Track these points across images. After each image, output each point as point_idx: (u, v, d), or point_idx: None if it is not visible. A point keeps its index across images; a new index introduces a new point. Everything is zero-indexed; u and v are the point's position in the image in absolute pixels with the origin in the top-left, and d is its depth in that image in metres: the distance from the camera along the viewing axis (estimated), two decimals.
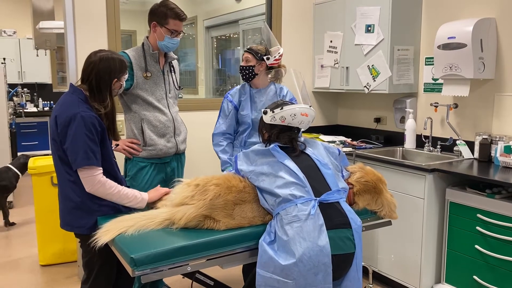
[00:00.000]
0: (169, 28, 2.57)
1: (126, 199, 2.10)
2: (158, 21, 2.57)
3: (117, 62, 2.09)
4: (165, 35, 2.58)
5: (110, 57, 2.08)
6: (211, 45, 6.31)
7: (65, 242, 3.63)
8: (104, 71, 2.05)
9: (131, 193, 2.11)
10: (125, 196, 2.09)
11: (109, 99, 2.08)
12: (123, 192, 2.08)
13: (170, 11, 2.56)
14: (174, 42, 2.62)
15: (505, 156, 2.76)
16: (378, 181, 2.20)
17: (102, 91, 2.06)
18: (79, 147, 1.96)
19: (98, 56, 2.07)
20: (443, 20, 3.22)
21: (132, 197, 2.11)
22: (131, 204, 2.12)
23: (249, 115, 2.84)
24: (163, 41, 2.59)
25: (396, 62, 3.40)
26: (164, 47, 2.62)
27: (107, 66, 2.05)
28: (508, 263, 2.46)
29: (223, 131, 2.87)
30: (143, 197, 2.15)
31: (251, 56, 2.78)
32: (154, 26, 2.59)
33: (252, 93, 2.86)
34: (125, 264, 1.77)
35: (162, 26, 2.57)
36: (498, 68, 2.97)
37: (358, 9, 3.54)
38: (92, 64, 2.05)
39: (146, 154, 2.67)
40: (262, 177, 1.96)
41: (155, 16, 2.59)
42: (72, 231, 2.16)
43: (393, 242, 3.08)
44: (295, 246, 1.76)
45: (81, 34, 3.12)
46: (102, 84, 2.05)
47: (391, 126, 3.80)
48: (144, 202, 2.14)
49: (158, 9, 2.58)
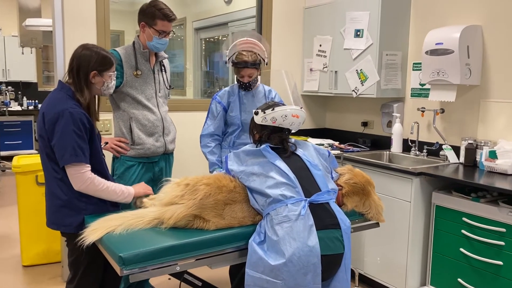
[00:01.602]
0: (157, 29, 2.56)
1: (115, 195, 2.09)
2: (146, 22, 2.56)
3: (100, 55, 2.07)
4: (154, 36, 2.57)
5: (95, 50, 2.07)
6: (199, 47, 6.29)
7: (49, 242, 3.58)
8: (83, 58, 2.04)
9: (118, 188, 2.11)
10: (113, 192, 2.09)
11: (86, 91, 2.05)
12: (111, 188, 2.08)
13: (158, 11, 2.55)
14: (163, 42, 2.61)
15: (490, 161, 2.81)
16: (367, 183, 2.22)
17: (80, 79, 2.03)
18: (67, 144, 1.94)
19: (83, 45, 2.08)
20: (431, 26, 3.27)
21: (119, 192, 2.11)
22: (119, 200, 2.12)
23: (238, 116, 2.84)
24: (152, 42, 2.58)
25: (384, 67, 3.44)
26: (152, 47, 2.61)
27: (89, 54, 2.05)
28: (492, 266, 2.50)
29: (211, 132, 2.87)
30: (130, 191, 2.16)
31: (255, 70, 2.77)
32: (143, 26, 2.58)
33: (241, 95, 2.86)
34: (113, 263, 1.75)
35: (150, 27, 2.56)
36: (484, 75, 3.02)
37: (347, 14, 3.57)
38: (75, 52, 2.07)
39: (134, 153, 2.65)
40: (253, 177, 1.96)
41: (144, 16, 2.57)
42: (59, 229, 2.13)
43: (379, 244, 3.11)
44: (285, 246, 1.76)
45: (69, 33, 3.09)
46: (81, 71, 2.03)
47: (378, 130, 3.84)
48: (130, 196, 2.16)
49: (147, 9, 2.56)
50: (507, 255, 2.42)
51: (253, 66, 2.73)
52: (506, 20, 2.88)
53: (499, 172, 2.76)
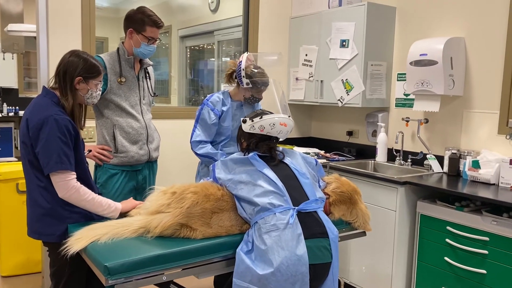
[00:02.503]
0: (146, 35, 2.55)
1: (100, 207, 2.04)
2: (135, 28, 2.54)
3: (88, 62, 2.05)
4: (142, 42, 2.55)
5: (83, 57, 2.05)
6: (184, 55, 6.28)
7: (29, 252, 3.49)
8: (71, 64, 2.02)
9: (105, 201, 2.06)
10: (99, 204, 2.03)
11: (70, 96, 2.02)
12: (97, 200, 2.03)
13: (147, 18, 2.54)
14: (151, 49, 2.59)
15: (473, 171, 2.86)
16: (354, 192, 2.23)
17: (66, 83, 2.01)
18: (52, 151, 1.90)
19: (73, 51, 2.06)
20: (415, 37, 3.33)
21: (106, 206, 2.05)
22: (105, 213, 2.06)
23: (230, 127, 2.78)
24: (140, 48, 2.57)
25: (369, 77, 3.48)
26: (140, 53, 2.59)
27: (76, 60, 2.03)
28: (475, 274, 2.52)
29: (203, 139, 2.72)
30: (117, 206, 2.10)
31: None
32: (130, 32, 2.56)
33: (233, 105, 2.80)
34: (98, 273, 1.71)
35: (139, 33, 2.54)
36: (467, 86, 3.08)
37: (333, 24, 3.61)
38: (63, 58, 2.05)
39: (117, 161, 2.61)
40: (241, 185, 1.95)
41: (132, 23, 2.55)
42: (40, 239, 2.08)
43: (364, 253, 3.12)
44: (273, 256, 1.75)
45: (54, 39, 3.05)
46: (67, 76, 2.01)
47: (363, 139, 3.87)
48: (117, 211, 2.09)
49: (135, 16, 2.55)
50: (490, 263, 2.45)
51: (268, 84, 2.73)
52: (487, 33, 2.95)
53: (482, 181, 2.80)
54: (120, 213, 2.11)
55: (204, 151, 2.70)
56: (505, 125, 2.87)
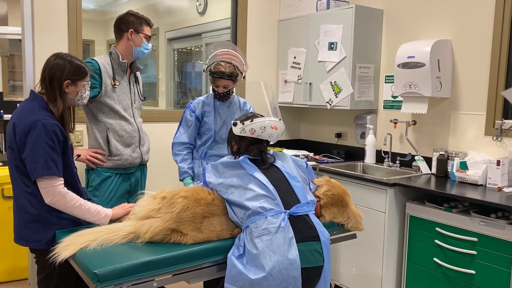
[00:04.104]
0: (146, 34, 2.65)
1: (88, 214, 1.99)
2: (135, 28, 2.62)
3: (74, 64, 2.02)
4: (142, 41, 2.64)
5: (68, 59, 2.02)
6: (172, 57, 6.24)
7: (15, 258, 3.43)
8: (57, 67, 1.98)
9: (93, 208, 2.01)
10: (87, 210, 1.99)
11: (60, 100, 1.99)
12: (85, 206, 1.98)
13: (141, 18, 2.66)
14: (149, 47, 2.70)
15: (461, 172, 2.88)
16: (344, 194, 2.22)
17: (54, 88, 1.98)
18: (39, 156, 1.87)
19: (56, 54, 2.03)
20: (403, 40, 3.36)
21: (94, 212, 2.01)
22: (93, 220, 2.02)
23: (212, 127, 2.82)
24: (140, 48, 2.65)
25: (358, 79, 3.49)
26: (140, 53, 2.67)
27: (62, 64, 2.00)
28: (464, 275, 2.54)
29: (183, 141, 2.86)
30: (107, 213, 2.05)
31: (231, 82, 2.76)
32: (131, 33, 2.61)
33: (216, 105, 2.85)
34: (87, 280, 1.68)
35: (139, 33, 2.63)
36: (454, 87, 3.11)
37: (322, 26, 3.62)
38: (48, 61, 2.01)
39: (111, 164, 2.62)
40: (231, 189, 1.93)
41: (130, 24, 2.62)
42: (28, 246, 2.04)
43: (354, 255, 3.13)
44: (265, 260, 1.74)
45: (40, 41, 3.00)
46: (55, 80, 1.97)
47: (352, 141, 3.88)
48: (107, 218, 2.05)
49: (130, 18, 2.63)
50: (479, 264, 2.47)
51: (229, 78, 2.72)
52: (474, 35, 2.99)
53: (470, 182, 2.83)
54: (112, 219, 2.07)
55: (176, 158, 2.85)
56: (491, 126, 2.91)
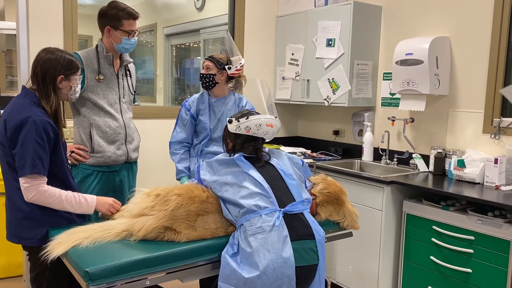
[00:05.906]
0: (125, 29, 2.48)
1: (70, 208, 1.96)
2: (112, 25, 2.47)
3: (65, 59, 1.99)
4: (122, 37, 2.49)
5: (59, 53, 1.99)
6: (170, 53, 6.21)
7: (10, 255, 3.41)
8: (49, 63, 1.95)
9: (75, 200, 1.98)
10: (69, 204, 1.96)
11: (53, 96, 1.96)
12: (66, 200, 1.95)
13: (122, 12, 2.47)
14: (132, 42, 2.53)
15: (458, 170, 2.87)
16: (340, 192, 2.21)
17: (47, 84, 1.95)
18: (27, 154, 1.84)
19: (46, 49, 2.00)
20: (401, 37, 3.33)
21: (76, 205, 1.98)
22: (77, 211, 2.00)
23: (207, 125, 2.79)
24: (121, 44, 2.50)
25: (356, 76, 3.47)
26: (122, 49, 2.53)
27: (54, 58, 1.97)
28: (461, 273, 2.53)
29: (180, 139, 2.83)
30: (89, 204, 2.01)
31: (212, 64, 2.74)
32: (108, 30, 2.49)
33: (211, 102, 2.82)
34: (79, 278, 1.66)
35: (117, 29, 2.47)
36: (452, 85, 3.09)
37: (320, 23, 3.59)
38: (39, 57, 1.97)
39: (93, 161, 2.53)
40: (226, 187, 1.92)
41: (107, 20, 2.48)
42: (20, 243, 2.02)
43: (351, 253, 3.11)
44: (259, 258, 1.72)
45: (34, 36, 2.97)
46: (48, 76, 1.95)
47: (350, 138, 3.87)
48: (90, 208, 2.02)
49: (109, 12, 2.47)
50: (476, 262, 2.46)
51: (210, 59, 2.75)
52: (472, 32, 2.96)
53: (467, 180, 2.81)
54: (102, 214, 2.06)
55: (173, 158, 2.83)
56: (489, 124, 2.89)
